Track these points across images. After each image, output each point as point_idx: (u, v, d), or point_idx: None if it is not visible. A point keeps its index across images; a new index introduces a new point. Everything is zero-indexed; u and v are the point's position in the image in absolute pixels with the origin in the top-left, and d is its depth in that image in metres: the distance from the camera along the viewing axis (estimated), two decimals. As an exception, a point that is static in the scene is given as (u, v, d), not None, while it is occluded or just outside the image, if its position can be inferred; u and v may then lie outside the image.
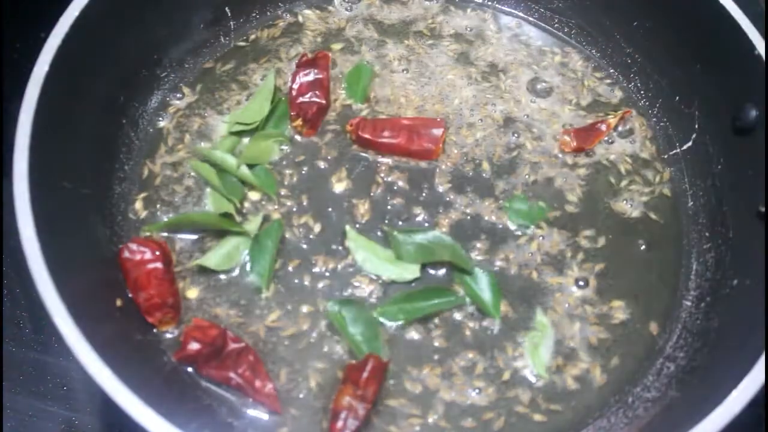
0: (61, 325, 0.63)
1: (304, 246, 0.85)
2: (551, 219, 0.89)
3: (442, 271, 0.84)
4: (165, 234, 0.84)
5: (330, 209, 0.88)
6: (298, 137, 0.92)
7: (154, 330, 0.78)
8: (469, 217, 0.88)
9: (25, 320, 0.89)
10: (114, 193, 0.86)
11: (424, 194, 0.89)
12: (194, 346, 0.75)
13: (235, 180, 0.88)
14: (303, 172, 0.90)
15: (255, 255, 0.83)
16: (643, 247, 0.89)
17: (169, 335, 0.79)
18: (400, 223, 0.87)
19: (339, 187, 0.89)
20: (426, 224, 0.87)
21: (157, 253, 0.78)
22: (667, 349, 0.83)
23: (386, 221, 0.87)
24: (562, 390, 0.80)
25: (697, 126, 0.92)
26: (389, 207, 0.88)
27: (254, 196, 0.88)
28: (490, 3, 1.07)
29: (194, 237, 0.84)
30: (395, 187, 0.90)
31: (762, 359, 0.67)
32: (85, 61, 0.80)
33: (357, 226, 0.86)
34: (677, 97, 0.95)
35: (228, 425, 0.75)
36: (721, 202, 0.88)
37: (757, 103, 0.82)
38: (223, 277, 0.83)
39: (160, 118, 0.93)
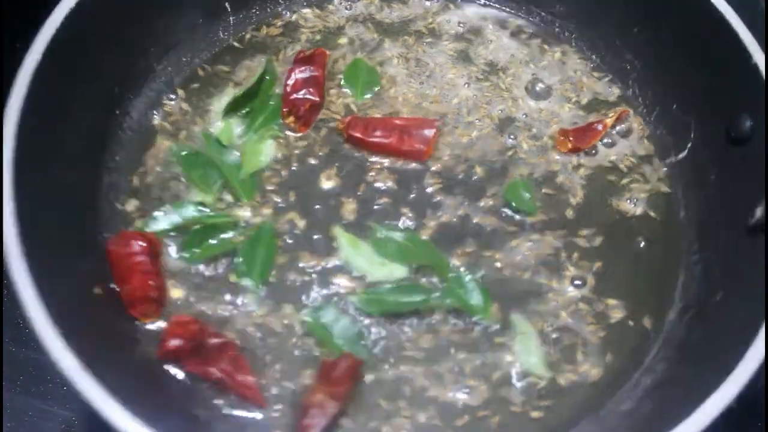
0: (35, 317, 0.64)
1: (290, 242, 0.85)
2: (547, 219, 0.89)
3: (432, 277, 0.84)
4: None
5: (317, 206, 0.88)
6: (290, 133, 0.92)
7: (137, 323, 0.79)
8: (457, 219, 0.88)
9: (25, 320, 0.90)
10: (103, 184, 0.86)
11: (413, 195, 0.89)
12: (175, 342, 0.75)
13: (215, 172, 0.87)
14: (293, 168, 0.90)
15: (246, 256, 0.83)
16: (641, 245, 0.88)
17: (151, 329, 0.79)
18: (387, 222, 0.87)
19: (328, 184, 0.89)
20: (413, 225, 0.87)
21: (144, 245, 0.79)
22: (660, 345, 0.82)
23: (373, 220, 0.87)
24: (557, 387, 0.79)
25: (692, 135, 0.91)
26: (376, 206, 0.88)
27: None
28: (489, 3, 1.06)
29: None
30: (384, 187, 0.89)
31: (760, 347, 0.66)
32: (79, 50, 0.80)
33: (344, 223, 0.86)
34: (674, 105, 0.94)
35: (210, 422, 0.75)
36: (713, 212, 0.87)
37: (751, 114, 0.81)
38: (209, 274, 0.83)
39: (155, 112, 0.93)
